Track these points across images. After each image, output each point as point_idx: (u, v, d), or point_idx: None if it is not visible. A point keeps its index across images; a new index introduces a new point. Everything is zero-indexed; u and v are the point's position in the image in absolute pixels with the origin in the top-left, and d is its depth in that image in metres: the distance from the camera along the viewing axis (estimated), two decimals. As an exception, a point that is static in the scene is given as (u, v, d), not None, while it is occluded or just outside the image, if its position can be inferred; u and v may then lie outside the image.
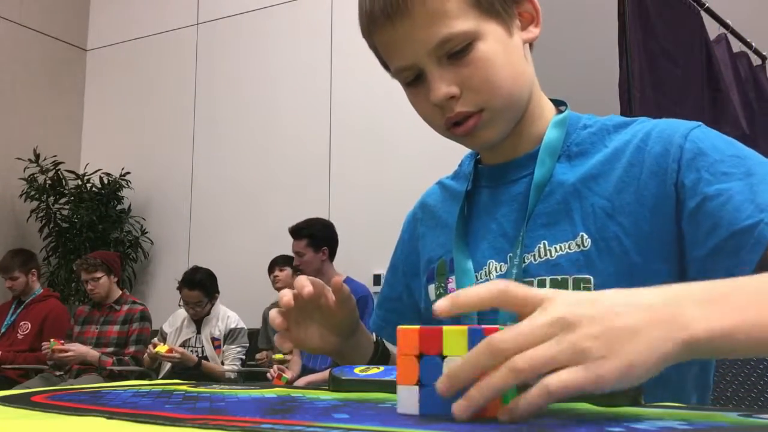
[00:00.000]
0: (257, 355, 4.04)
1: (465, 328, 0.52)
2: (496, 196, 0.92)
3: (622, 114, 2.83)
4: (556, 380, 0.47)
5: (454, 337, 0.52)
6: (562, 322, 0.49)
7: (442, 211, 1.00)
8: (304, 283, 0.81)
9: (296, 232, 3.63)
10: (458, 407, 0.49)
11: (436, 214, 1.01)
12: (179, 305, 4.06)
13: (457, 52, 0.81)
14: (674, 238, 0.79)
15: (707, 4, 3.47)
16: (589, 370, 0.48)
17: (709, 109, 3.42)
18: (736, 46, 3.87)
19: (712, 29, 3.62)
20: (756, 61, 4.05)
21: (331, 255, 3.65)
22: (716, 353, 0.54)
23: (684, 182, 0.78)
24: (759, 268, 0.70)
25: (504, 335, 0.49)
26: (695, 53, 3.39)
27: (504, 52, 0.83)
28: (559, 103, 0.94)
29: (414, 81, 0.85)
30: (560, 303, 0.51)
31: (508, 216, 0.90)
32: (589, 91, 3.83)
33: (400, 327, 0.53)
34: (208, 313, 4.00)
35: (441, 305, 0.53)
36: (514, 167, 0.91)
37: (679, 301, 0.53)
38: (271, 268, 4.16)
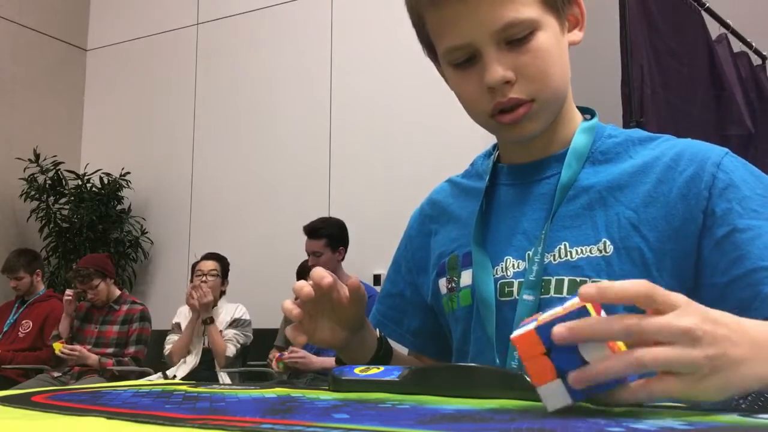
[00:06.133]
0: (270, 354, 3.92)
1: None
2: (519, 194, 0.93)
3: (624, 114, 2.83)
4: (661, 388, 0.53)
5: None
6: (692, 334, 0.53)
7: (455, 207, 1.00)
8: (323, 274, 0.81)
9: (313, 231, 3.55)
10: (575, 376, 0.52)
11: (448, 210, 1.01)
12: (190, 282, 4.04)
13: (518, 39, 0.82)
14: (692, 261, 0.81)
15: (707, 4, 3.47)
16: (689, 384, 0.53)
17: (713, 108, 3.43)
18: (736, 46, 3.86)
19: (713, 29, 3.62)
20: (756, 60, 4.05)
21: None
22: None
23: (714, 210, 0.80)
24: None
25: (648, 321, 0.53)
26: (699, 52, 3.39)
27: (557, 47, 0.85)
28: (584, 111, 0.96)
29: (464, 63, 0.85)
30: (694, 314, 0.54)
31: (530, 215, 0.91)
32: (590, 92, 3.82)
33: (514, 336, 0.55)
34: (216, 305, 3.97)
35: (588, 292, 0.53)
36: (541, 167, 0.92)
37: None
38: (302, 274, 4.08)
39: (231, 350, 3.89)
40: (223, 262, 4.09)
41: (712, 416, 0.51)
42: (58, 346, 3.76)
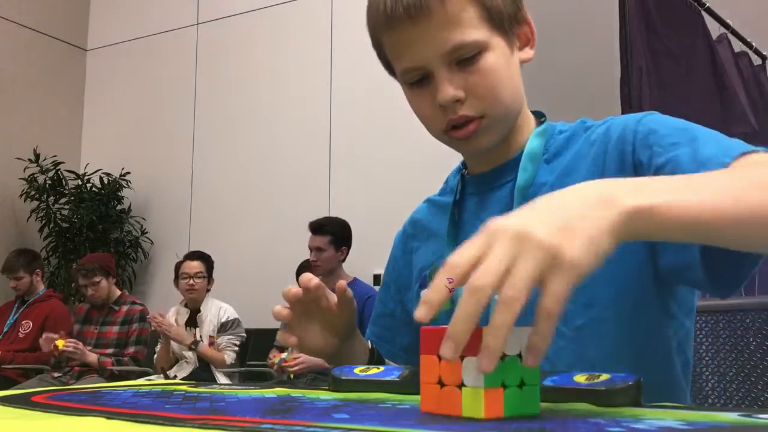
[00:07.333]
0: (270, 354, 3.92)
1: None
2: (482, 201, 0.98)
3: (623, 114, 2.84)
4: (547, 299, 0.50)
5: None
6: (519, 235, 0.52)
7: (433, 223, 1.04)
8: (310, 277, 0.84)
9: (319, 227, 3.60)
10: (482, 361, 0.49)
11: (427, 227, 1.05)
12: (176, 287, 4.07)
13: (467, 59, 0.86)
14: None
15: (708, 4, 3.48)
16: (563, 265, 0.51)
17: (716, 107, 3.43)
18: (737, 46, 3.87)
19: (713, 29, 3.62)
20: (756, 60, 4.05)
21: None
22: (658, 231, 0.58)
23: (641, 160, 0.84)
24: None
25: (477, 274, 0.51)
26: (698, 52, 3.39)
27: (506, 66, 0.89)
28: (538, 115, 1.00)
29: (418, 82, 0.89)
30: (501, 224, 0.54)
31: (494, 217, 0.93)
32: (590, 92, 3.83)
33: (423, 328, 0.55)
34: (199, 311, 3.99)
35: (420, 312, 0.52)
36: (499, 174, 0.96)
37: (608, 186, 0.58)
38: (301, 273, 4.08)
39: (231, 357, 3.91)
40: (208, 261, 4.08)
41: (712, 416, 0.52)
42: (60, 343, 3.75)
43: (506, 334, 0.49)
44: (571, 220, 0.53)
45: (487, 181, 0.98)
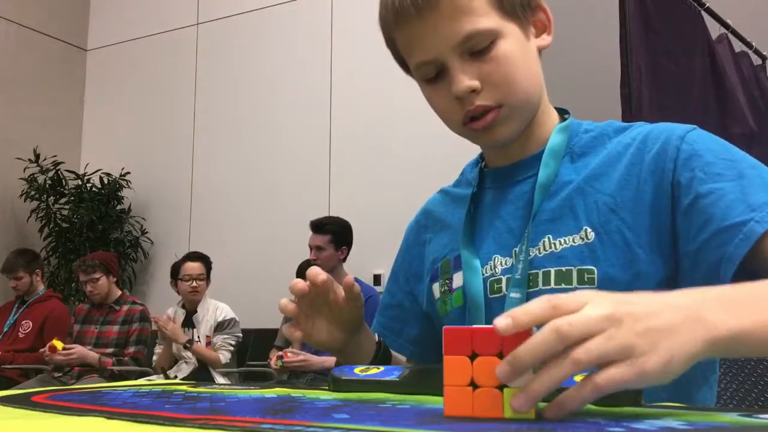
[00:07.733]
0: (271, 354, 3.92)
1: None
2: (501, 195, 0.96)
3: (623, 113, 2.84)
4: (604, 377, 0.50)
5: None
6: (612, 318, 0.52)
7: (447, 215, 1.03)
8: (318, 272, 0.83)
9: (319, 226, 3.61)
10: (518, 401, 0.50)
11: (441, 219, 1.03)
12: (174, 288, 4.09)
13: (480, 49, 0.85)
14: (669, 232, 0.83)
15: (707, 4, 3.48)
16: (634, 366, 0.51)
17: (715, 107, 3.43)
18: (737, 46, 3.87)
19: (713, 29, 3.62)
20: (756, 60, 4.05)
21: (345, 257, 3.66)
22: (736, 352, 0.58)
23: (680, 180, 0.82)
24: (744, 264, 0.74)
25: (570, 321, 0.51)
26: (697, 53, 3.39)
27: (522, 53, 0.87)
28: (562, 112, 0.98)
29: (434, 77, 0.88)
30: (607, 301, 0.54)
31: (513, 213, 0.93)
32: (590, 91, 3.83)
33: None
34: (195, 311, 3.99)
35: (502, 324, 0.52)
36: (520, 168, 0.95)
37: (705, 304, 0.57)
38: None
39: (225, 357, 3.91)
40: (207, 262, 4.10)
41: (712, 416, 0.52)
42: (59, 344, 3.76)
43: (553, 387, 0.50)
44: (662, 332, 0.53)
45: (506, 176, 0.96)
